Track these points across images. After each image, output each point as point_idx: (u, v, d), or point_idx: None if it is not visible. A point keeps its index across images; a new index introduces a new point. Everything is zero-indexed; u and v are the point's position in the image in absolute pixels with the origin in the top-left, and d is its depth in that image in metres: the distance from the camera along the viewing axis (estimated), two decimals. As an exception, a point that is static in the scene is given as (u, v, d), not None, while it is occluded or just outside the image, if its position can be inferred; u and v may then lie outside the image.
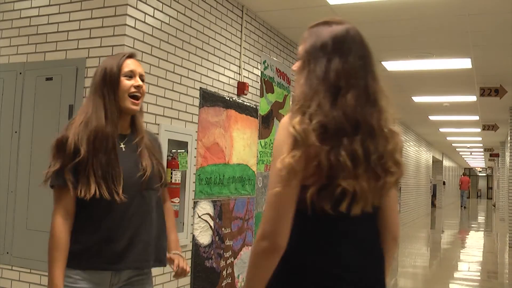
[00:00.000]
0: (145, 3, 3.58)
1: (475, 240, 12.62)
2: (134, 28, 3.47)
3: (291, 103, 1.46)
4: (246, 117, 4.92)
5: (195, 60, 4.16)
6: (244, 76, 4.92)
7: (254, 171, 5.10)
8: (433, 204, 22.57)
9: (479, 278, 7.42)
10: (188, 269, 2.14)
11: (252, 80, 5.09)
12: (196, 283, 4.14)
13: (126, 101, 1.92)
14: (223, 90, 4.58)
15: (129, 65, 1.95)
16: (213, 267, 4.39)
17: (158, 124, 3.70)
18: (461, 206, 26.26)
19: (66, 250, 1.80)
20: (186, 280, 4.07)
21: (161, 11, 3.75)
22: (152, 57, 3.65)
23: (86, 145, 1.81)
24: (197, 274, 4.16)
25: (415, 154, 16.26)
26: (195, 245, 4.16)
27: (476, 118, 12.04)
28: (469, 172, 43.07)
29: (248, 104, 4.97)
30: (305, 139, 1.31)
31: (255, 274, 1.37)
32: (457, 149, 23.52)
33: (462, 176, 27.57)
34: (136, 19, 3.49)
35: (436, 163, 23.19)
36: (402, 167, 1.44)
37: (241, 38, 4.89)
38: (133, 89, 1.92)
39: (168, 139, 3.80)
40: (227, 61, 4.66)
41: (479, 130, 13.78)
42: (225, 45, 4.62)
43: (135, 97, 1.94)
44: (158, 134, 3.69)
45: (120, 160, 1.86)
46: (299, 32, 1.65)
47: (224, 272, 4.56)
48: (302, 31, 1.55)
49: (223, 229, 4.54)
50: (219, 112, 4.48)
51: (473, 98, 9.31)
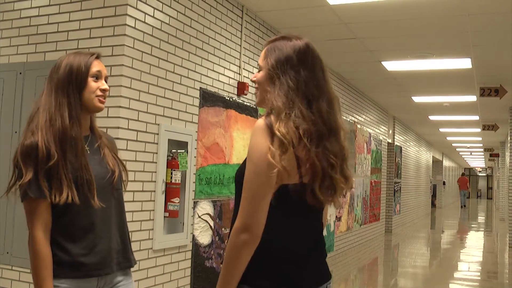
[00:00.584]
0: (145, 3, 3.58)
1: (475, 240, 12.61)
2: (134, 28, 3.47)
3: (267, 111, 1.56)
4: (246, 117, 4.92)
5: (195, 60, 4.16)
6: (244, 76, 4.92)
7: (254, 171, 5.09)
8: (433, 204, 22.58)
9: (479, 278, 7.42)
10: None
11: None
12: (196, 283, 4.14)
13: (94, 100, 1.84)
14: (223, 90, 4.58)
15: (97, 66, 1.87)
16: (213, 267, 4.39)
17: (158, 124, 3.70)
18: (461, 206, 26.52)
19: (51, 265, 1.74)
20: (186, 280, 4.07)
21: (161, 11, 3.75)
22: (152, 57, 3.65)
23: (55, 147, 1.73)
24: (197, 274, 4.16)
25: (415, 154, 16.27)
26: (195, 245, 4.16)
27: (476, 118, 12.04)
28: (469, 172, 43.09)
29: (248, 104, 4.97)
30: (290, 142, 1.43)
31: (235, 266, 1.45)
32: (457, 149, 23.52)
33: (461, 177, 27.67)
34: (136, 19, 3.49)
35: (436, 163, 23.20)
36: (352, 177, 1.64)
37: (241, 38, 4.89)
38: (99, 92, 1.85)
39: (168, 139, 3.80)
40: (227, 61, 4.66)
41: (479, 130, 13.79)
42: (225, 45, 4.63)
43: (101, 97, 1.88)
44: (158, 134, 3.70)
45: (89, 162, 1.81)
46: (299, 32, 1.67)
47: (224, 272, 4.55)
48: (302, 31, 1.60)
49: (223, 229, 4.54)
50: (219, 112, 4.48)
51: (473, 98, 9.31)
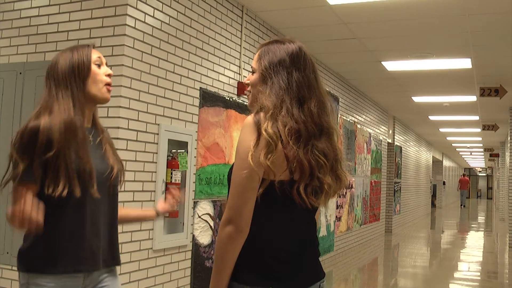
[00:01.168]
0: (145, 3, 3.58)
1: (475, 240, 12.61)
2: (134, 28, 3.47)
3: (257, 109, 1.59)
4: (246, 117, 4.92)
5: (195, 60, 4.16)
6: (244, 76, 4.92)
7: (254, 171, 5.09)
8: (433, 204, 22.58)
9: (479, 278, 7.42)
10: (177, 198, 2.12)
11: (252, 80, 5.08)
12: (196, 283, 4.14)
13: (103, 89, 1.83)
14: (223, 90, 4.58)
15: (95, 52, 1.86)
16: (213, 267, 4.38)
17: (158, 124, 3.70)
18: (461, 205, 26.91)
19: None
20: (186, 280, 4.07)
21: (161, 11, 3.75)
22: (152, 57, 3.65)
23: (58, 137, 1.67)
24: (197, 274, 4.16)
25: (415, 154, 16.27)
26: (195, 245, 4.16)
27: (476, 118, 12.04)
28: (469, 172, 43.08)
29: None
30: (277, 142, 1.46)
31: (222, 259, 1.49)
32: (457, 149, 23.52)
33: (462, 177, 27.86)
34: (136, 19, 3.49)
35: (436, 163, 23.20)
36: (347, 178, 1.65)
37: (241, 38, 4.89)
38: (105, 78, 1.84)
39: (168, 139, 3.80)
40: (227, 61, 4.66)
41: (479, 130, 13.79)
42: (225, 45, 4.63)
43: (109, 84, 1.86)
44: (158, 134, 3.70)
45: (91, 155, 1.76)
46: (299, 32, 1.69)
47: (224, 272, 4.55)
48: (302, 31, 1.60)
49: (223, 229, 4.54)
50: (219, 112, 4.48)
51: (473, 98, 9.31)
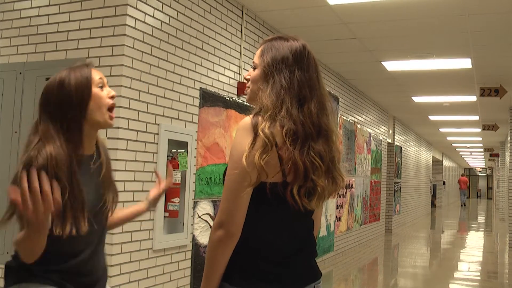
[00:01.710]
0: (145, 3, 3.58)
1: (475, 240, 12.61)
2: (134, 28, 3.47)
3: (256, 109, 1.56)
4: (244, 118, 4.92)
5: (195, 60, 4.16)
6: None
7: (254, 171, 5.09)
8: (433, 204, 22.58)
9: (479, 278, 7.42)
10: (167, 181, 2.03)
11: (252, 80, 5.08)
12: (196, 283, 4.14)
13: (105, 115, 1.68)
14: (223, 90, 4.58)
15: (97, 73, 1.71)
16: (213, 267, 4.38)
17: (158, 124, 3.70)
18: (461, 204, 27.40)
19: None
20: (186, 280, 4.07)
21: (161, 11, 3.75)
22: (152, 57, 3.65)
23: (63, 178, 1.53)
24: (197, 274, 4.16)
25: (415, 154, 16.27)
26: (195, 245, 4.16)
27: (476, 118, 12.04)
28: (469, 172, 43.07)
29: (248, 104, 4.96)
30: (274, 142, 1.44)
31: (212, 262, 1.49)
32: (457, 149, 23.52)
33: (461, 177, 28.02)
34: (136, 19, 3.49)
35: (436, 163, 23.19)
36: (344, 180, 1.62)
37: (241, 38, 4.89)
38: (110, 101, 1.70)
39: (168, 139, 3.80)
40: (227, 61, 4.66)
41: (479, 130, 13.79)
42: (225, 45, 4.62)
43: (111, 110, 1.72)
44: (158, 134, 3.70)
45: (86, 186, 1.62)
46: (299, 32, 1.69)
47: (224, 272, 4.56)
48: (302, 31, 1.60)
49: (223, 229, 4.54)
50: (219, 112, 4.48)
51: (473, 98, 9.31)
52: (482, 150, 22.98)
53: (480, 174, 45.78)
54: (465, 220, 18.92)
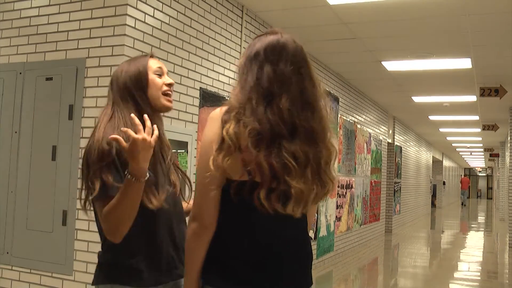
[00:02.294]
0: (145, 3, 3.58)
1: (475, 240, 12.61)
2: (134, 28, 3.47)
3: (224, 107, 1.51)
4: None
5: (195, 60, 4.16)
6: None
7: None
8: (433, 204, 22.58)
9: (479, 278, 7.42)
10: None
11: (252, 80, 5.08)
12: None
13: (161, 99, 1.77)
14: (223, 90, 4.58)
15: (156, 63, 1.82)
16: (213, 267, 4.38)
17: (158, 124, 3.69)
18: (462, 204, 28.01)
19: None
20: (186, 280, 4.06)
21: (161, 11, 3.75)
22: (152, 57, 3.65)
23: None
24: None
25: (415, 154, 16.27)
26: (195, 245, 4.15)
27: (476, 118, 12.04)
28: (469, 172, 43.08)
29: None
30: (238, 145, 1.38)
31: (189, 256, 1.49)
32: (457, 149, 23.52)
33: (463, 177, 28.22)
34: (136, 19, 3.49)
35: (436, 163, 23.19)
36: (334, 182, 1.51)
37: (241, 38, 4.89)
38: (165, 87, 1.79)
39: (168, 139, 3.79)
40: (227, 61, 4.66)
41: (479, 130, 13.79)
42: (225, 45, 4.62)
43: (168, 95, 1.81)
44: (158, 134, 3.69)
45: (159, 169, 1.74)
46: (299, 32, 1.67)
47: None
48: (302, 31, 1.58)
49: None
50: (219, 112, 4.47)
51: (473, 98, 9.31)
52: (482, 150, 22.99)
53: (480, 174, 45.78)
54: (465, 220, 18.92)
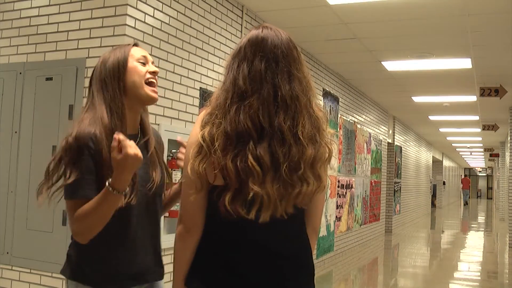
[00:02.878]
0: (145, 3, 3.58)
1: (475, 240, 12.61)
2: (134, 28, 3.47)
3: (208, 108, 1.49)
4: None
5: (195, 60, 4.16)
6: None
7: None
8: (433, 204, 22.58)
9: (479, 278, 7.42)
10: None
11: (252, 80, 5.08)
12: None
13: (145, 88, 1.70)
14: (223, 90, 4.58)
15: (139, 52, 1.76)
16: (213, 267, 4.38)
17: (158, 124, 3.70)
18: (464, 203, 28.80)
19: None
20: (186, 280, 4.06)
21: (161, 11, 3.75)
22: (152, 57, 3.64)
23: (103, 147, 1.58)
24: (197, 274, 4.16)
25: (415, 154, 16.27)
26: (195, 245, 4.15)
27: (476, 118, 12.04)
28: (469, 172, 43.08)
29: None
30: (211, 149, 1.35)
31: (176, 257, 1.48)
32: (457, 149, 23.52)
33: (463, 177, 28.49)
34: (136, 19, 3.49)
35: (436, 163, 23.19)
36: (323, 182, 1.41)
37: (241, 38, 4.88)
38: (149, 75, 1.73)
39: (168, 139, 3.80)
40: (227, 61, 4.66)
41: (479, 130, 13.79)
42: (225, 45, 4.62)
43: (151, 84, 1.74)
44: (158, 134, 3.70)
45: None
46: (299, 32, 1.66)
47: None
48: (302, 31, 1.56)
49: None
50: (219, 112, 4.47)
51: (473, 98, 9.31)
52: (482, 150, 22.99)
53: (480, 174, 45.78)
54: (465, 220, 18.92)
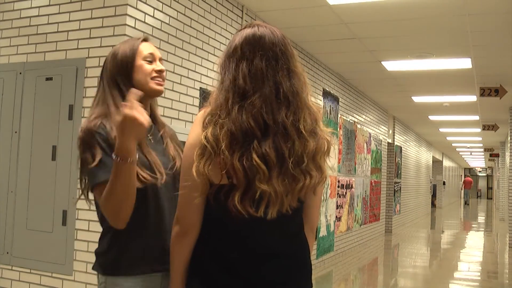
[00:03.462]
0: (145, 3, 3.58)
1: (475, 240, 12.62)
2: (134, 28, 3.47)
3: (207, 108, 1.48)
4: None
5: (195, 60, 4.16)
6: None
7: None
8: (433, 204, 22.58)
9: (479, 278, 7.42)
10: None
11: (252, 80, 5.08)
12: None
13: (150, 83, 1.72)
14: (223, 90, 4.58)
15: (147, 48, 1.75)
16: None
17: (158, 124, 3.70)
18: (466, 203, 29.35)
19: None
20: (186, 280, 4.06)
21: (161, 11, 3.75)
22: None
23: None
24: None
25: (415, 154, 16.27)
26: (195, 245, 4.15)
27: (476, 118, 12.04)
28: (469, 172, 43.08)
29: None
30: (216, 149, 1.35)
31: (172, 258, 1.48)
32: (457, 149, 23.52)
33: (466, 178, 28.74)
34: (136, 19, 3.49)
35: (436, 163, 23.19)
36: (324, 173, 1.43)
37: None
38: (155, 74, 1.74)
39: (168, 139, 3.80)
40: (227, 61, 4.66)
41: (479, 130, 13.79)
42: (225, 45, 4.61)
43: (157, 79, 1.76)
44: (158, 134, 3.69)
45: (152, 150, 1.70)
46: (299, 32, 1.66)
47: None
48: (302, 31, 1.56)
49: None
50: (219, 112, 4.47)
51: (473, 98, 9.31)
52: (482, 150, 22.99)
53: (480, 174, 45.78)
54: (465, 220, 18.92)
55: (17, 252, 3.61)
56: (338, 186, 7.82)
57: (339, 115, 7.86)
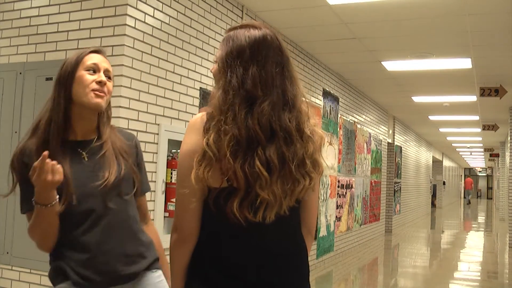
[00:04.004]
0: (145, 3, 3.58)
1: (475, 240, 12.62)
2: (134, 28, 3.47)
3: (206, 112, 1.44)
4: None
5: (195, 60, 4.16)
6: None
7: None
8: (433, 204, 22.58)
9: (479, 278, 7.42)
10: None
11: (252, 80, 5.08)
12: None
13: (88, 95, 1.67)
14: (223, 90, 4.58)
15: (92, 58, 1.71)
16: (213, 267, 4.38)
17: (158, 124, 3.70)
18: (467, 202, 30.01)
19: None
20: (186, 280, 4.06)
21: (161, 11, 3.75)
22: (152, 57, 3.65)
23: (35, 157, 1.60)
24: (197, 274, 4.16)
25: (415, 154, 16.27)
26: (195, 245, 4.15)
27: (476, 118, 12.04)
28: (469, 172, 43.09)
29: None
30: (217, 155, 1.33)
31: (171, 265, 1.48)
32: (457, 149, 23.53)
33: (466, 178, 28.89)
34: (136, 19, 3.49)
35: (436, 163, 23.19)
36: (321, 167, 1.45)
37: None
38: (95, 85, 1.68)
39: (168, 139, 3.80)
40: (227, 61, 4.66)
41: (479, 130, 13.79)
42: (225, 45, 4.62)
43: (97, 91, 1.69)
44: (158, 134, 3.70)
45: (75, 170, 1.67)
46: (299, 32, 1.66)
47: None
48: (302, 31, 1.56)
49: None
50: (219, 112, 4.47)
51: (473, 98, 9.31)
52: (482, 150, 22.99)
53: (480, 174, 45.78)
54: (465, 220, 18.92)
55: (17, 252, 3.61)
56: (338, 186, 7.82)
57: (339, 115, 7.87)
